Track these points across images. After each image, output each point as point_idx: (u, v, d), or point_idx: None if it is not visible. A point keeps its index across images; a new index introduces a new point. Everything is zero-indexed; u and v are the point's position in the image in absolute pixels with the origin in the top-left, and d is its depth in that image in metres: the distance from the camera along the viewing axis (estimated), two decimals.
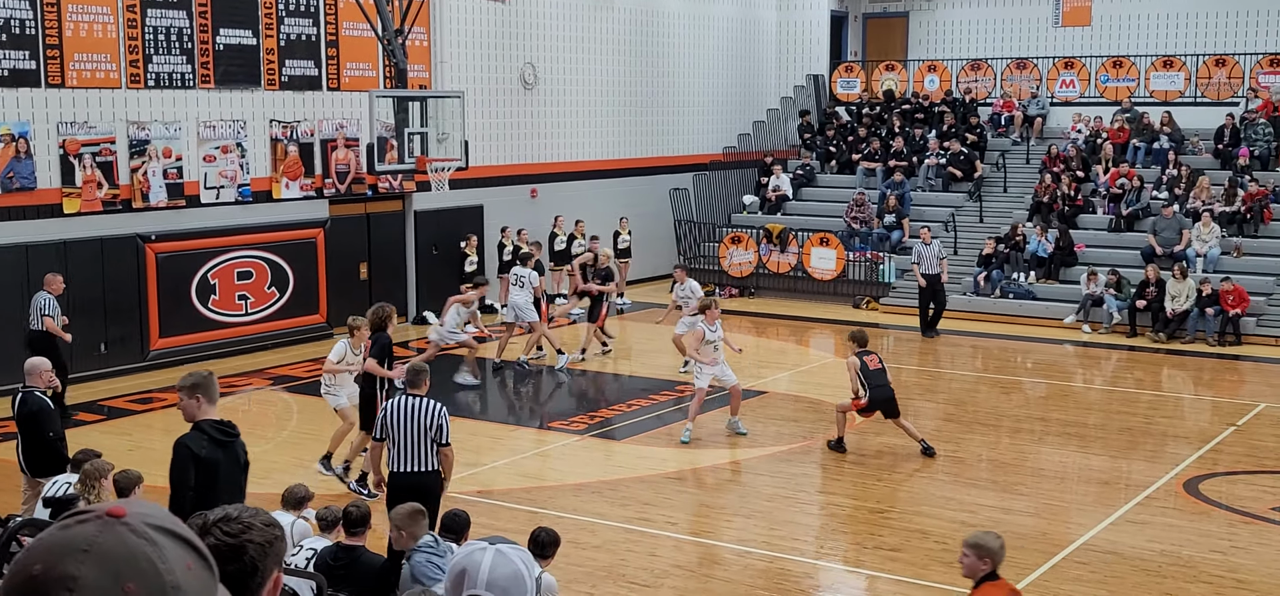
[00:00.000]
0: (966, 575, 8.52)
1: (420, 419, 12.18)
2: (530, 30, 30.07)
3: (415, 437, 12.17)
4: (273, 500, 11.75)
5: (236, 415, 20.37)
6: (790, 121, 37.28)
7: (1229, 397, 21.94)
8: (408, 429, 12.18)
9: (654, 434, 18.97)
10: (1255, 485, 16.46)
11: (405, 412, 12.24)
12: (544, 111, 30.67)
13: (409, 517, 9.63)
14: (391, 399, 12.57)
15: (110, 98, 22.37)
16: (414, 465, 12.19)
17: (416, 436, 12.16)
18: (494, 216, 28.55)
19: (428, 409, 12.24)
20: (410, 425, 12.18)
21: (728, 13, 36.31)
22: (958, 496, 15.83)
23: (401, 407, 12.28)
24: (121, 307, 22.60)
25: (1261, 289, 26.57)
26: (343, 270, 26.19)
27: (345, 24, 25.77)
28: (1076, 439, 18.95)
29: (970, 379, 23.58)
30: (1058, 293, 28.17)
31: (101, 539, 1.96)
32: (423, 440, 12.16)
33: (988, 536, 8.61)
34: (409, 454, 12.20)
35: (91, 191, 22.20)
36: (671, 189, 33.80)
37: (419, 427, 12.16)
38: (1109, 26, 35.53)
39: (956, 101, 35.04)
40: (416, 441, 12.17)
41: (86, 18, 21.89)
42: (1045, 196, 30.12)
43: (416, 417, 12.20)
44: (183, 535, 2.05)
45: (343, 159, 26.11)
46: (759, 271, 31.86)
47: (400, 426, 12.20)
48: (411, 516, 9.63)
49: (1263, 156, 30.13)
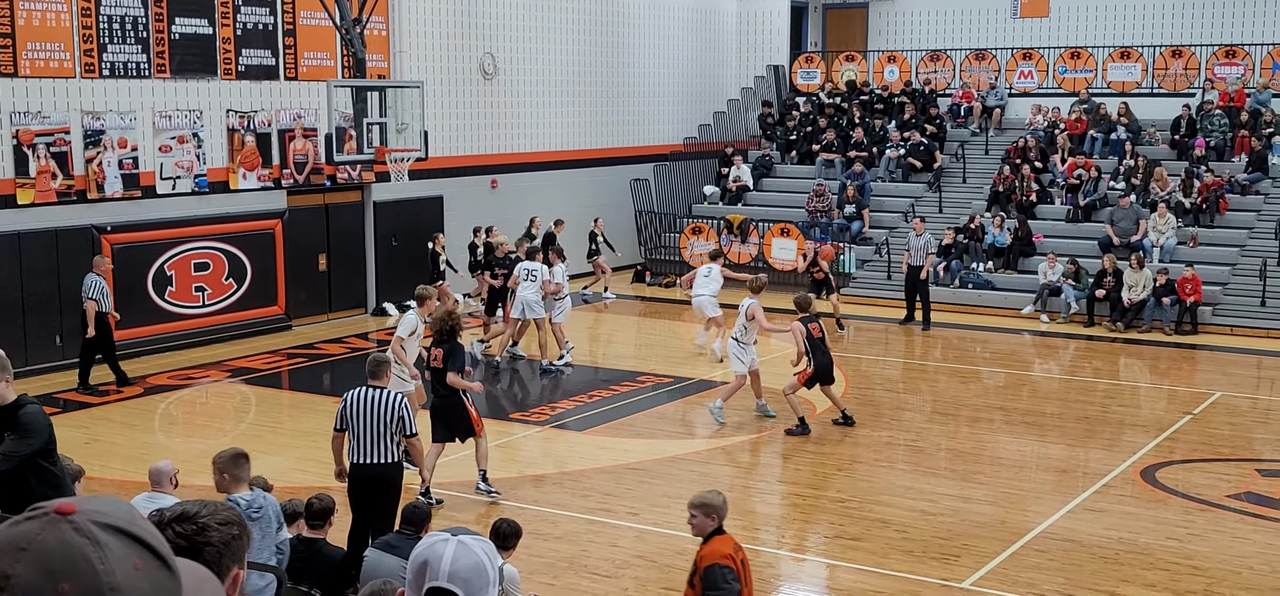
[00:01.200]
0: (696, 533, 9.20)
1: (379, 410, 12.12)
2: (490, 20, 29.98)
3: (374, 429, 12.10)
4: None
5: (194, 408, 20.37)
6: (751, 112, 37.33)
7: (1185, 386, 22.10)
8: (367, 420, 12.11)
9: (614, 424, 18.94)
10: (1211, 473, 16.58)
11: (363, 404, 12.17)
12: (504, 102, 30.59)
13: (231, 461, 9.55)
14: (351, 391, 12.46)
15: (65, 87, 22.17)
16: (373, 457, 12.14)
17: (376, 428, 12.10)
18: (454, 207, 28.46)
19: (387, 400, 12.18)
20: (369, 416, 12.11)
21: (688, 3, 36.30)
22: (917, 485, 15.88)
23: (360, 399, 12.20)
24: (76, 300, 22.37)
25: (1217, 279, 26.76)
26: (301, 261, 26.06)
27: (303, 13, 25.62)
28: (1035, 428, 19.05)
29: (929, 368, 23.66)
30: (1016, 282, 28.28)
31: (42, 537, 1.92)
32: (383, 432, 12.11)
33: (712, 494, 9.27)
34: (368, 445, 12.14)
35: (46, 182, 22.00)
36: (632, 179, 33.79)
37: (379, 419, 12.10)
38: (1067, 18, 35.71)
39: (916, 92, 35.15)
40: (376, 433, 12.11)
41: (40, 6, 21.68)
42: (1002, 187, 30.24)
43: (375, 409, 12.14)
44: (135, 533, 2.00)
45: (301, 149, 25.98)
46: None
47: (360, 417, 12.14)
48: (233, 459, 9.56)
49: (1218, 147, 30.33)
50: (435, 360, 14.85)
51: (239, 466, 9.56)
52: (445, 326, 14.95)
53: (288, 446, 17.80)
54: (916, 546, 13.68)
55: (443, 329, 14.93)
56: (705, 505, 9.12)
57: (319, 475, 15.98)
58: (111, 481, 15.69)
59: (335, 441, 12.60)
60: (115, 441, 18.19)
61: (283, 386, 22.18)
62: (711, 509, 9.11)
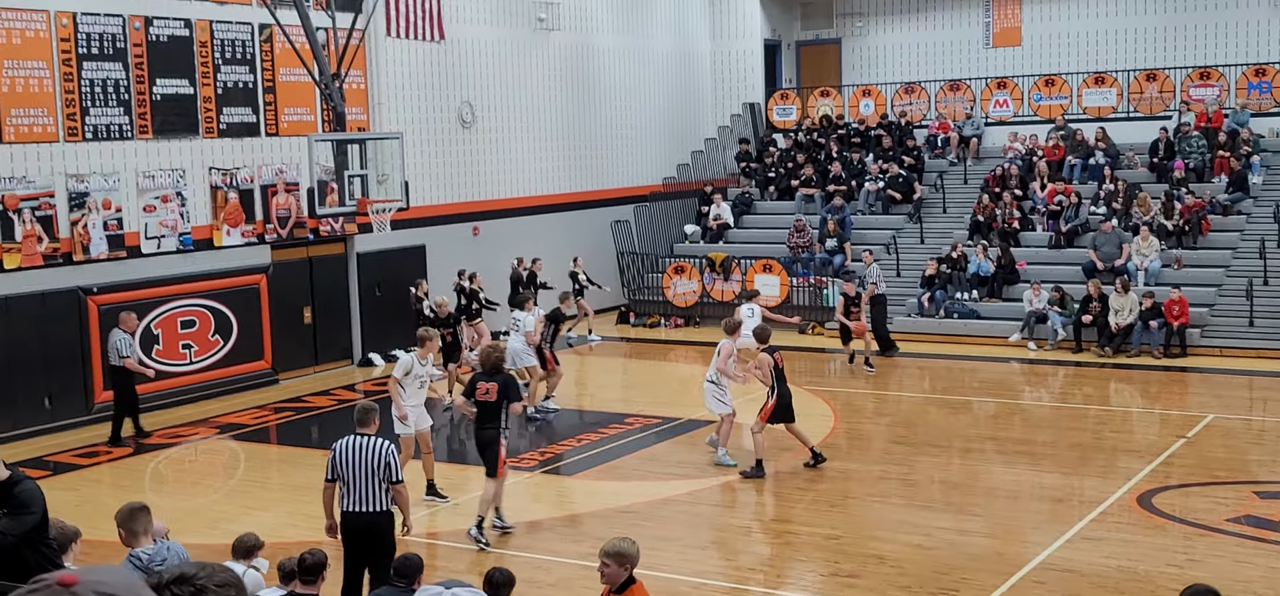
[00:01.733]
0: (607, 582, 9.07)
1: (369, 458, 12.07)
2: (467, 69, 30.04)
3: (365, 477, 12.04)
4: (223, 551, 11.62)
5: (183, 465, 20.30)
6: (728, 150, 37.41)
7: (1177, 410, 22.13)
8: (357, 468, 12.05)
9: (605, 468, 18.92)
10: (1208, 496, 16.59)
11: (354, 452, 12.11)
12: (483, 149, 30.63)
13: (129, 516, 9.49)
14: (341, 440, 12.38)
15: (48, 151, 22.16)
16: (364, 505, 12.07)
17: (366, 476, 12.04)
18: (436, 256, 28.45)
19: (376, 448, 12.13)
20: (360, 464, 12.05)
21: (663, 46, 36.42)
22: (912, 519, 15.86)
23: (351, 447, 12.14)
24: (64, 362, 22.35)
25: (1204, 300, 26.84)
26: (286, 315, 26.04)
27: (282, 70, 25.65)
28: (1028, 457, 19.05)
29: (918, 400, 23.66)
30: (1002, 311, 28.35)
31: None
32: (372, 480, 12.04)
33: (624, 543, 9.14)
34: (359, 494, 12.07)
35: (31, 246, 21.96)
36: (613, 221, 33.82)
37: (368, 467, 12.04)
38: (1039, 46, 35.90)
39: (892, 125, 35.26)
40: (366, 481, 12.04)
41: (22, 73, 21.69)
42: (983, 216, 30.33)
43: (365, 457, 12.08)
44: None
45: (283, 204, 25.97)
46: (703, 300, 31.91)
47: (349, 466, 12.08)
48: (130, 515, 9.48)
49: (1198, 169, 30.47)
50: (488, 394, 15.07)
51: (136, 520, 9.49)
52: (492, 360, 15.34)
53: (277, 501, 17.74)
54: (913, 582, 13.65)
55: (492, 363, 15.28)
56: (619, 554, 9.02)
57: (310, 530, 15.92)
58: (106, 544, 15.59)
59: (326, 493, 12.50)
60: (105, 502, 18.03)
61: (271, 441, 22.12)
62: (624, 557, 9.03)
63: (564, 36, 32.80)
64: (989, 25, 36.58)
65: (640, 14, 35.56)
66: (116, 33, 23.01)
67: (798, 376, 25.74)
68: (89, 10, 22.63)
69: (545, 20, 32.01)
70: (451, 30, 29.14)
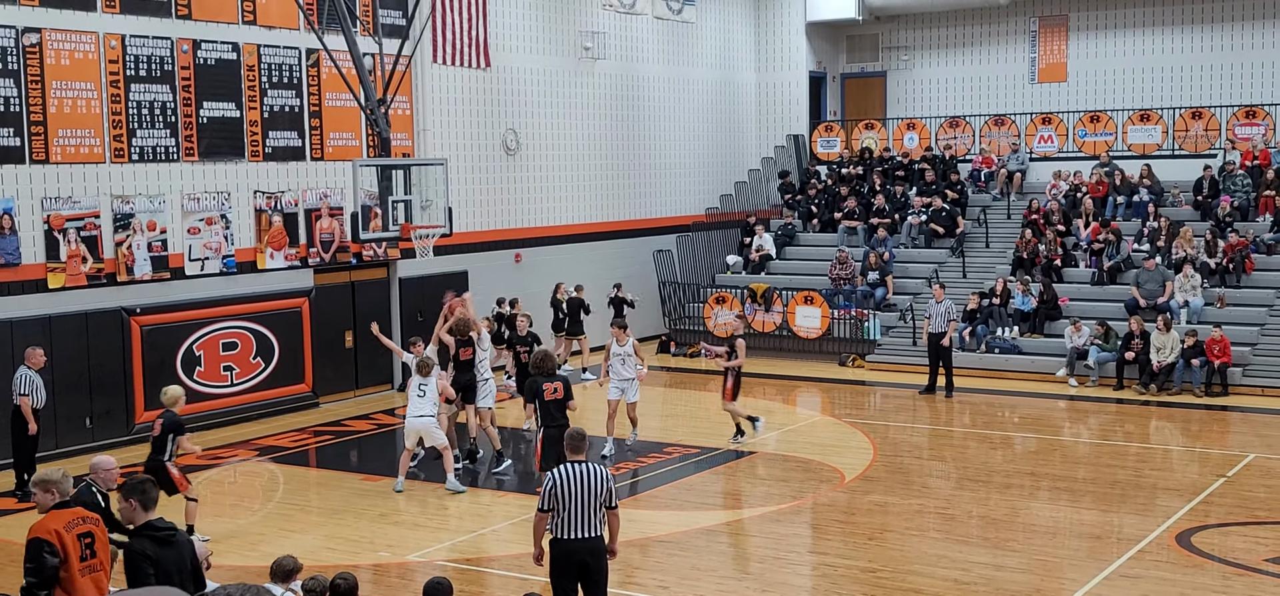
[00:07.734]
0: None
1: (590, 483, 11.59)
2: (512, 97, 30.18)
3: (585, 503, 11.57)
4: (261, 573, 11.67)
5: (222, 487, 20.40)
6: (771, 181, 37.42)
7: (1218, 448, 21.96)
8: (578, 495, 11.54)
9: (642, 497, 18.91)
10: (1248, 536, 16.46)
11: (574, 480, 11.57)
12: (527, 176, 30.75)
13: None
14: (554, 470, 11.68)
15: (94, 172, 22.38)
16: (586, 532, 11.60)
17: (586, 501, 11.58)
18: (478, 282, 28.50)
19: (597, 474, 11.68)
20: (580, 491, 11.55)
21: (708, 76, 36.50)
22: (949, 554, 15.79)
23: (571, 476, 11.59)
24: (106, 382, 22.53)
25: (1246, 339, 26.67)
26: (328, 339, 26.18)
27: (328, 95, 25.84)
28: (1067, 493, 18.95)
29: (959, 434, 23.57)
30: (1043, 347, 28.23)
31: None
32: (593, 503, 11.60)
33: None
34: (581, 520, 11.57)
35: (76, 266, 22.17)
36: (655, 250, 33.86)
37: (589, 492, 11.56)
38: (1085, 82, 35.82)
39: (936, 158, 35.21)
40: (586, 507, 11.58)
41: (70, 94, 21.93)
42: (1025, 252, 30.23)
43: (587, 483, 11.58)
44: None
45: (327, 228, 26.13)
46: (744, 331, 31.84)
47: (571, 495, 11.53)
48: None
49: (1242, 207, 30.30)
50: (556, 393, 17.12)
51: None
52: (548, 364, 17.59)
53: (316, 525, 17.79)
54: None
55: (547, 366, 17.52)
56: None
57: (347, 553, 16.03)
58: None
59: (538, 522, 11.98)
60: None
61: (310, 464, 22.21)
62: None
63: (609, 66, 32.91)
64: (1034, 60, 36.52)
65: (686, 44, 35.65)
66: (164, 55, 23.24)
67: (836, 408, 25.80)
68: (138, 33, 22.87)
69: (591, 49, 32.14)
70: (497, 58, 29.31)
